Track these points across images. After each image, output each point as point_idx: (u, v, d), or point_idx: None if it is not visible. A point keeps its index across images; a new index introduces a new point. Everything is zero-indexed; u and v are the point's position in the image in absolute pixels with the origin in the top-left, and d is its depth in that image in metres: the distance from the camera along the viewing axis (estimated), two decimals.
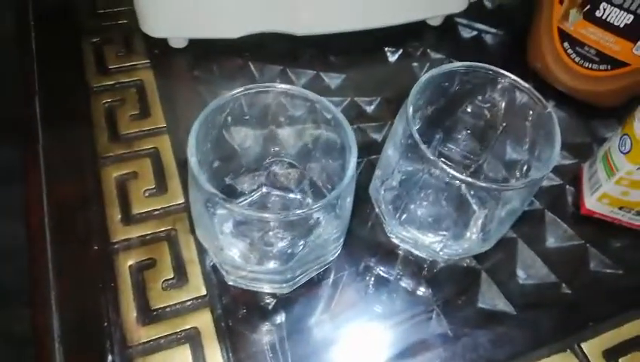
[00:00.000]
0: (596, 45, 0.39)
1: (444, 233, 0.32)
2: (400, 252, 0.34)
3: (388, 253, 0.34)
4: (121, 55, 0.41)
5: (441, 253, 0.32)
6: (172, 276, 0.31)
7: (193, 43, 0.41)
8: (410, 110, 0.28)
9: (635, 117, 0.32)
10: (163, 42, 0.41)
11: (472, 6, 0.47)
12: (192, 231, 0.33)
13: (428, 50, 0.45)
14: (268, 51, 0.42)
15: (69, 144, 0.36)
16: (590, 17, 0.38)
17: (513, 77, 0.30)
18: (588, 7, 0.38)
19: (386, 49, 0.45)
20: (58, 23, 0.42)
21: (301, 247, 0.27)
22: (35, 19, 0.42)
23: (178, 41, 0.41)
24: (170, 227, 0.33)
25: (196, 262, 0.32)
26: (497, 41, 0.47)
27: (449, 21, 0.47)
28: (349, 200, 0.28)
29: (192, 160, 0.25)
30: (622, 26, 0.37)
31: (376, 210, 0.33)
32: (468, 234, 0.32)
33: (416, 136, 0.26)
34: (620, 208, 0.35)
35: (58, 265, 0.31)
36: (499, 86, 0.30)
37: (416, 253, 0.33)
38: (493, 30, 0.48)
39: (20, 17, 0.42)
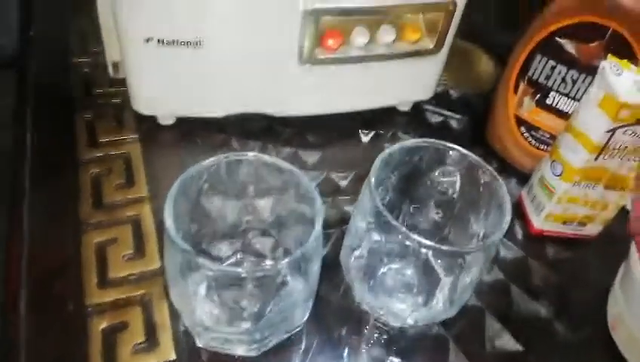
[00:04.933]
0: (549, 129, 0.43)
1: (412, 300, 0.33)
2: (370, 319, 0.35)
3: (358, 320, 0.35)
4: (112, 129, 0.43)
5: (409, 319, 0.33)
6: (143, 340, 0.31)
7: (180, 120, 0.44)
8: (373, 182, 0.30)
9: (558, 145, 0.37)
10: (152, 119, 0.44)
11: (438, 95, 0.52)
12: (166, 296, 0.33)
13: (398, 133, 0.49)
14: (249, 128, 0.46)
15: (53, 211, 0.37)
16: (542, 105, 0.42)
17: (464, 150, 0.33)
18: (539, 95, 0.42)
19: (360, 131, 0.49)
20: (55, 99, 0.45)
21: (270, 308, 0.28)
22: (35, 95, 0.45)
23: (166, 119, 0.44)
24: (144, 291, 0.34)
25: (168, 327, 0.32)
26: (462, 125, 0.51)
27: (418, 107, 0.51)
28: (316, 267, 0.29)
29: (169, 221, 0.26)
30: (570, 112, 0.41)
31: (346, 276, 0.35)
32: (435, 300, 0.33)
33: (380, 206, 0.28)
34: (564, 223, 0.40)
35: (32, 328, 0.31)
36: (452, 158, 0.33)
37: (385, 319, 0.34)
38: (457, 116, 0.52)
39: (20, 91, 0.45)
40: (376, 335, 0.34)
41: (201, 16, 0.36)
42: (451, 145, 0.33)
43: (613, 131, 0.33)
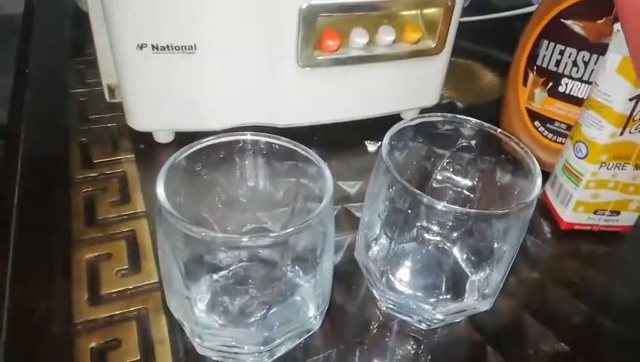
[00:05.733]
0: (565, 119, 0.41)
1: (437, 295, 0.29)
2: (394, 326, 0.31)
3: (380, 327, 0.31)
4: (107, 151, 0.42)
5: (437, 315, 0.29)
6: (137, 358, 0.28)
7: (177, 138, 0.43)
8: (386, 155, 0.28)
9: (580, 124, 0.35)
10: (149, 139, 0.42)
11: (444, 106, 0.50)
12: (165, 309, 0.30)
13: (407, 141, 0.47)
14: None
15: (43, 228, 0.35)
16: (555, 94, 0.40)
17: (477, 120, 0.31)
18: (550, 84, 0.40)
19: (366, 142, 0.47)
20: (48, 126, 0.44)
21: (276, 304, 0.25)
22: (26, 119, 0.43)
23: (164, 136, 0.42)
24: (141, 306, 0.30)
25: (166, 342, 0.29)
26: None
27: None
28: (326, 259, 0.26)
29: (162, 196, 0.24)
30: (585, 97, 0.39)
31: (364, 272, 0.31)
32: (464, 297, 0.29)
33: (397, 175, 0.26)
34: (595, 212, 0.36)
35: (15, 347, 0.27)
36: (468, 135, 0.31)
37: (411, 321, 0.30)
38: None
39: (13, 113, 0.44)
40: (402, 342, 0.30)
41: (194, 20, 0.35)
42: (466, 117, 0.31)
43: (637, 99, 0.31)
